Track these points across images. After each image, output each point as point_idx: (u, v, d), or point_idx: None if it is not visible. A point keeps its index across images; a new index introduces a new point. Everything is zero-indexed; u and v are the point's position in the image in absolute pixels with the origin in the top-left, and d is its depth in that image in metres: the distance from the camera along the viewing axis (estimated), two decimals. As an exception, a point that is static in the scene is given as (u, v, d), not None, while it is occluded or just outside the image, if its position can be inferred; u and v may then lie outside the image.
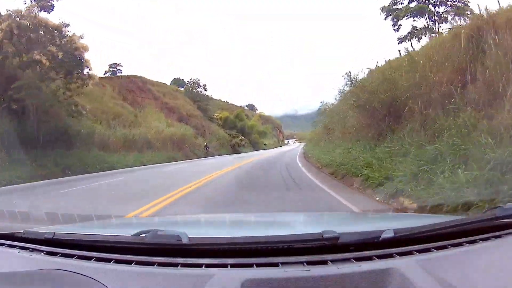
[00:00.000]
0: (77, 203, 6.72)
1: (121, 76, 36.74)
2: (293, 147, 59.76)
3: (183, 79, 61.84)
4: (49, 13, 15.27)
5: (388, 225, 1.47)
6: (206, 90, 50.81)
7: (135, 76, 37.34)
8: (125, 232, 1.33)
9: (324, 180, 9.47)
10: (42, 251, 1.22)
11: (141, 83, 36.50)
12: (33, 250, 1.24)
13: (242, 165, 16.42)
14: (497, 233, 1.17)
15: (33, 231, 1.33)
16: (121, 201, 7.11)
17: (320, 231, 1.07)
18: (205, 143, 34.31)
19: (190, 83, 49.87)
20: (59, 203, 6.89)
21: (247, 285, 0.92)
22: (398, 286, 0.92)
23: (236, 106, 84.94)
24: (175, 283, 0.99)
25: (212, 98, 76.81)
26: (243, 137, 51.95)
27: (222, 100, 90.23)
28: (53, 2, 15.29)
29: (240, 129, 54.92)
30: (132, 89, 34.05)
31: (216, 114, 52.13)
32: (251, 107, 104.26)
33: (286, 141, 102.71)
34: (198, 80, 49.73)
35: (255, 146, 57.07)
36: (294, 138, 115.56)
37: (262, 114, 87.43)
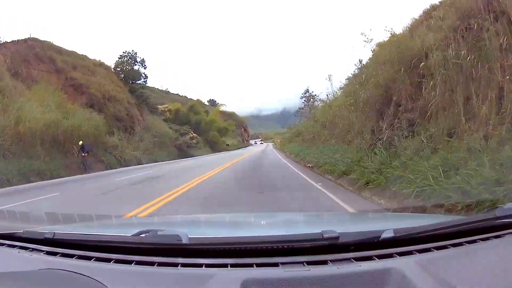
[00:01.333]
0: None
1: (17, 40, 25.15)
2: (262, 148, 48.92)
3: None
4: None
5: (388, 225, 1.47)
6: (145, 68, 35.25)
7: (34, 40, 25.73)
8: (125, 232, 1.33)
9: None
10: (42, 251, 1.22)
11: (41, 49, 25.03)
12: (33, 250, 1.24)
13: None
14: (497, 233, 1.17)
15: (33, 231, 1.33)
16: None
17: (320, 231, 1.07)
18: (81, 142, 17.28)
19: (123, 57, 33.85)
20: None
21: (247, 285, 0.92)
22: (398, 286, 0.92)
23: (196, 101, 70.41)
24: (175, 283, 0.98)
25: (168, 91, 65.99)
26: (195, 134, 39.04)
27: (180, 94, 78.42)
28: None
29: (195, 125, 43.35)
30: (28, 57, 23.68)
31: (164, 106, 40.60)
32: (213, 102, 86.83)
33: (253, 141, 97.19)
34: (135, 54, 34.40)
35: (214, 147, 46.17)
36: (260, 138, 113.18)
37: (222, 107, 68.88)
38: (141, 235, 1.13)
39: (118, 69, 33.12)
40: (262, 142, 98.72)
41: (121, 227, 1.91)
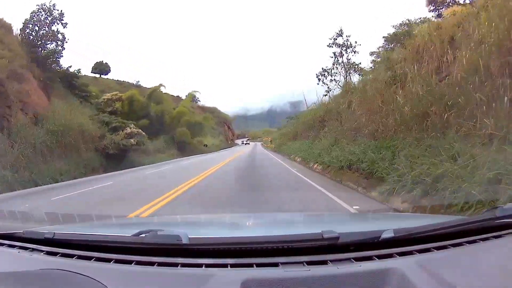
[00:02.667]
0: None
1: None
2: (249, 149, 40.12)
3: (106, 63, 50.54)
4: None
5: (388, 225, 1.47)
6: (64, 27, 22.64)
7: None
8: (125, 232, 1.33)
9: None
10: (42, 251, 1.22)
11: None
12: (33, 250, 1.24)
13: None
14: (497, 233, 1.17)
15: (33, 231, 1.33)
16: None
17: (320, 231, 1.07)
18: None
19: (35, 13, 21.82)
20: None
21: (247, 285, 0.92)
22: (398, 286, 0.91)
23: (173, 96, 51.97)
24: (175, 283, 0.98)
25: (140, 84, 52.62)
26: (136, 129, 23.11)
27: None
28: None
29: (156, 118, 31.08)
30: None
31: (112, 93, 27.30)
32: (192, 98, 65.26)
33: (239, 141, 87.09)
34: (53, 6, 22.09)
35: (184, 148, 33.70)
36: (246, 137, 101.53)
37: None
38: (141, 235, 1.13)
39: (27, 30, 22.00)
40: (249, 142, 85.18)
41: (121, 227, 1.91)
